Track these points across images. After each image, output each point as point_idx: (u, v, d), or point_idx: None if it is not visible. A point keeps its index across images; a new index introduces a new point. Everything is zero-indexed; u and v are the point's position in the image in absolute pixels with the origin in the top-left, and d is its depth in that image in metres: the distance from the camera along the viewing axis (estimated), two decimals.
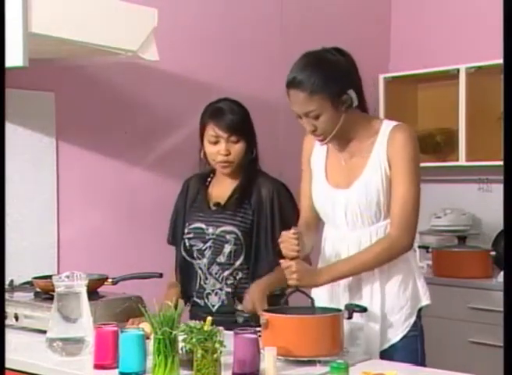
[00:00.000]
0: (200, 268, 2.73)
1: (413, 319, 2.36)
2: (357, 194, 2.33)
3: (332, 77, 2.26)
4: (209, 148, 2.71)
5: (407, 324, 2.36)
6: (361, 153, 2.35)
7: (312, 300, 2.25)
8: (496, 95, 3.71)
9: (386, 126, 2.35)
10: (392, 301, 2.35)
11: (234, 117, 2.69)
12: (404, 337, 2.35)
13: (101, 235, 3.36)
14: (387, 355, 2.32)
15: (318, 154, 2.47)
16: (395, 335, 2.35)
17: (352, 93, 2.30)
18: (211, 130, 2.68)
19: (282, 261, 2.27)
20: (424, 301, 2.39)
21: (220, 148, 2.68)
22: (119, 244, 3.42)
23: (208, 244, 2.71)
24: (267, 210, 2.69)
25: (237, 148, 2.70)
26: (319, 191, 2.45)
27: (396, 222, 2.29)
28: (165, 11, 2.96)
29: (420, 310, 2.40)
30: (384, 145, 2.31)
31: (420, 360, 2.34)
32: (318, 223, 2.52)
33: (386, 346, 2.34)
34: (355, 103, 2.31)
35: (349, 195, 2.35)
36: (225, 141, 2.68)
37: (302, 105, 2.27)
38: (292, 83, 2.28)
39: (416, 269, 2.40)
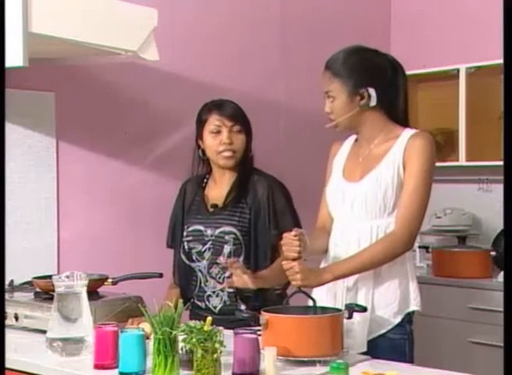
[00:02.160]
0: (200, 270, 2.73)
1: (398, 319, 2.35)
2: (367, 186, 2.37)
3: (357, 69, 2.38)
4: (210, 141, 2.71)
5: (391, 321, 2.34)
6: (379, 152, 2.40)
7: (314, 301, 2.25)
8: (496, 95, 3.71)
9: (408, 132, 2.40)
10: (380, 296, 2.35)
11: (236, 108, 2.73)
12: (386, 335, 2.34)
13: (101, 235, 3.36)
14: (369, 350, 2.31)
15: (340, 156, 2.54)
16: (377, 331, 2.34)
17: (372, 91, 2.37)
18: (215, 120, 2.70)
19: (284, 262, 2.27)
20: (414, 306, 2.38)
21: (222, 138, 2.68)
22: (119, 244, 3.41)
23: (207, 245, 2.71)
24: (264, 207, 2.69)
25: (240, 139, 2.71)
26: (333, 186, 2.50)
27: (400, 219, 2.31)
28: (165, 11, 2.96)
29: (410, 315, 2.39)
30: (402, 147, 2.36)
31: None
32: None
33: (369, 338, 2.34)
34: (372, 102, 2.38)
35: (358, 187, 2.39)
36: (228, 130, 2.69)
37: (325, 84, 2.42)
38: (326, 62, 2.44)
39: (411, 272, 2.39)
